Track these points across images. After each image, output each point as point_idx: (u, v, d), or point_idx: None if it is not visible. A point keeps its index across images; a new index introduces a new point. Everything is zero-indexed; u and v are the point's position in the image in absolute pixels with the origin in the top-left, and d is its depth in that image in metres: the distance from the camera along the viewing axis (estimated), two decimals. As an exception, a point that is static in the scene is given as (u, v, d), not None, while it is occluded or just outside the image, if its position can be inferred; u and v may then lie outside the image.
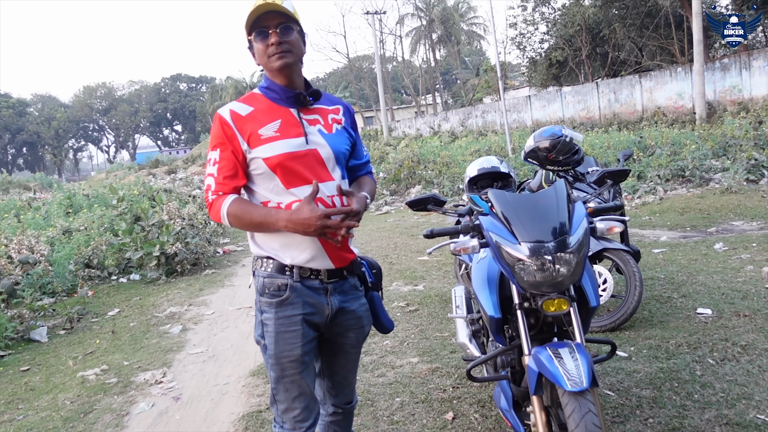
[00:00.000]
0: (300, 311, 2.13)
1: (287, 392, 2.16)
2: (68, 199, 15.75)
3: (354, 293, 2.30)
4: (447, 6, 50.84)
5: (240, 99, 2.23)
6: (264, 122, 2.14)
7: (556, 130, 4.85)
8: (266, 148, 2.11)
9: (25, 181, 43.43)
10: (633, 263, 4.48)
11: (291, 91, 2.19)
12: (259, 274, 2.18)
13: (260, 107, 2.18)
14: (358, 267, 2.34)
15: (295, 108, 2.20)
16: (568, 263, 2.34)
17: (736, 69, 19.13)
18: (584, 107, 25.69)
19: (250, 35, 2.17)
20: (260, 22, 2.13)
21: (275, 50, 2.12)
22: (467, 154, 18.33)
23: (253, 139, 2.12)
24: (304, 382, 2.17)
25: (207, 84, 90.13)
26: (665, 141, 13.75)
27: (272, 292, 2.14)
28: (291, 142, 2.13)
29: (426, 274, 7.12)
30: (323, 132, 2.21)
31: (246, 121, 2.14)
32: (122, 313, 7.01)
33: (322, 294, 2.18)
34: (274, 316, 2.13)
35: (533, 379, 2.30)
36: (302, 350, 2.14)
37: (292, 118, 2.18)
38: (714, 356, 3.86)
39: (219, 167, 2.14)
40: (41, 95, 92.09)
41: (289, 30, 2.14)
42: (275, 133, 2.13)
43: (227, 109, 2.17)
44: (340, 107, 2.34)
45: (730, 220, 8.33)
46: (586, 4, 28.08)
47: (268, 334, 2.15)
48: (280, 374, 2.15)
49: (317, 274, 2.17)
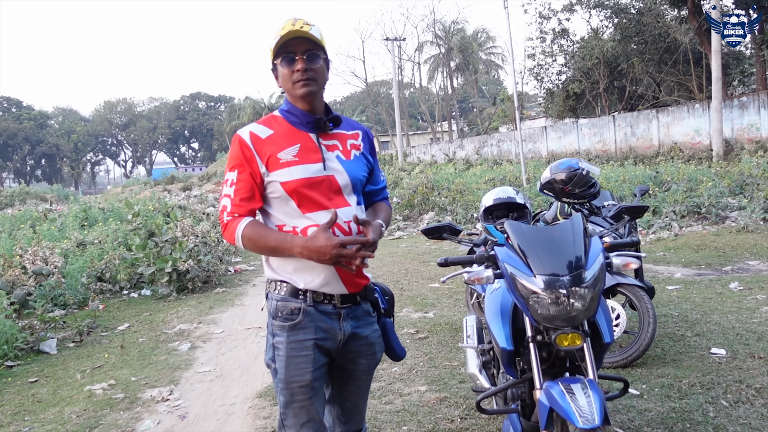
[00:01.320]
0: (312, 336, 2.13)
1: (296, 417, 2.14)
2: (84, 212, 15.88)
3: (367, 319, 2.29)
4: (466, 35, 51.26)
5: (260, 121, 2.23)
6: (283, 146, 2.14)
7: (573, 163, 4.84)
8: (284, 172, 2.11)
9: (42, 192, 43.89)
10: (647, 299, 4.44)
11: (311, 116, 2.19)
12: (273, 297, 2.18)
13: (280, 130, 2.18)
14: (371, 293, 2.32)
15: (315, 133, 2.20)
16: (583, 298, 2.33)
17: (755, 107, 19.09)
18: (600, 140, 25.68)
19: (276, 59, 2.17)
20: (288, 47, 2.13)
21: (300, 77, 2.13)
22: (481, 183, 18.34)
23: (272, 162, 2.12)
24: (314, 408, 2.15)
25: (225, 103, 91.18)
26: (681, 177, 13.70)
27: (285, 316, 2.14)
28: (309, 168, 2.13)
29: (437, 302, 7.09)
30: (341, 158, 2.22)
31: (265, 143, 2.14)
32: (132, 328, 7.02)
33: (335, 319, 2.17)
34: (285, 339, 2.13)
35: (544, 414, 2.28)
36: (312, 376, 2.12)
37: (311, 143, 2.18)
38: (728, 398, 3.79)
39: (236, 189, 2.13)
40: (62, 108, 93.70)
41: (315, 58, 2.14)
42: (294, 157, 2.13)
43: (247, 131, 2.17)
44: (359, 132, 2.34)
45: (745, 260, 8.25)
46: (605, 38, 28.25)
47: (279, 358, 2.14)
48: (289, 399, 2.13)
49: (330, 299, 2.16)
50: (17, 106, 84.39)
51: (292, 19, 2.14)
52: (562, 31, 30.07)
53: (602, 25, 29.53)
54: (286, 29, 2.11)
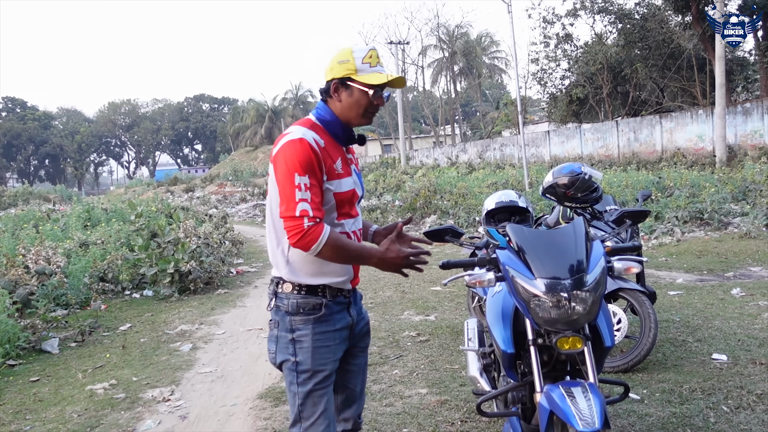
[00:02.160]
0: (333, 327, 2.31)
1: (315, 406, 2.25)
2: (87, 213, 15.93)
3: (361, 301, 2.57)
4: (470, 39, 51.29)
5: (308, 126, 2.27)
6: (334, 157, 2.28)
7: (576, 167, 4.85)
8: (338, 183, 2.28)
9: (45, 192, 44.02)
10: (648, 304, 4.44)
11: (349, 132, 2.36)
12: (290, 296, 2.29)
13: (328, 141, 2.29)
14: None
15: (345, 147, 2.39)
16: (584, 301, 2.33)
17: (758, 114, 19.07)
18: (603, 145, 25.66)
19: (365, 85, 2.25)
20: (391, 84, 2.28)
21: (375, 111, 2.31)
22: (484, 187, 18.34)
23: (330, 171, 2.24)
24: (329, 400, 2.30)
25: (229, 105, 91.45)
26: (684, 183, 13.68)
27: (308, 311, 2.27)
28: (350, 181, 2.34)
29: (438, 305, 7.09)
30: (356, 171, 2.43)
31: (323, 152, 2.23)
32: (134, 328, 7.03)
33: (344, 308, 2.38)
34: (311, 332, 2.27)
35: (544, 417, 2.28)
36: (333, 366, 2.31)
37: (345, 158, 2.36)
38: (728, 404, 3.79)
39: (312, 193, 2.16)
40: (67, 109, 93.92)
41: (389, 98, 2.38)
42: (342, 170, 2.31)
43: (311, 137, 2.21)
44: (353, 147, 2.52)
45: (748, 266, 8.24)
46: (608, 43, 28.24)
47: (303, 350, 2.26)
48: (312, 388, 2.26)
49: (342, 292, 2.37)
50: (21, 106, 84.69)
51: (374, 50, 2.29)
52: (566, 36, 30.06)
53: (606, 31, 29.52)
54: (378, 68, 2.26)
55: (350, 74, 2.24)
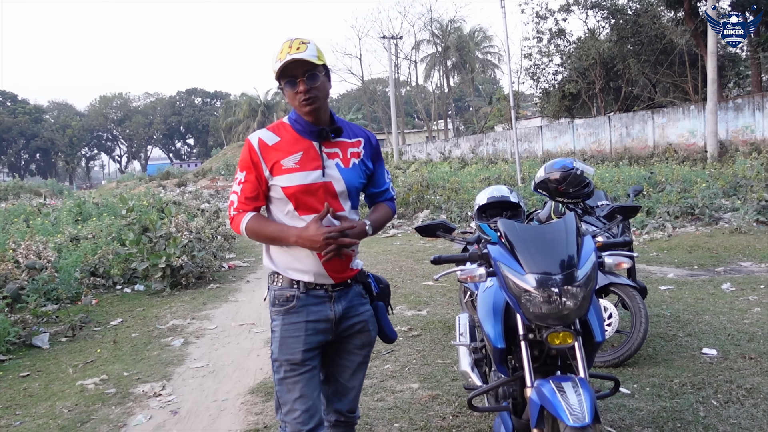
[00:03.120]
0: (304, 318, 2.36)
1: (289, 393, 2.33)
2: (78, 207, 15.83)
3: (359, 299, 2.51)
4: (463, 34, 51.30)
5: (270, 127, 2.44)
6: (287, 153, 2.35)
7: (568, 163, 4.86)
8: (285, 178, 2.33)
9: (36, 186, 43.72)
10: (639, 299, 4.45)
11: (315, 127, 2.38)
12: (272, 288, 2.43)
13: (286, 138, 2.38)
14: (363, 276, 2.55)
15: (318, 141, 2.39)
16: (575, 297, 2.34)
17: (749, 110, 19.16)
18: (596, 140, 25.74)
19: (279, 81, 2.34)
20: (288, 71, 2.30)
21: (303, 98, 2.31)
22: (476, 181, 18.35)
23: (276, 168, 2.34)
24: (306, 386, 2.33)
25: (221, 99, 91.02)
26: (676, 178, 13.74)
27: (281, 303, 2.38)
28: (308, 175, 2.33)
29: (430, 300, 7.10)
30: (340, 166, 2.41)
31: (271, 150, 2.35)
32: (125, 323, 7.00)
33: (326, 302, 2.40)
34: (281, 323, 2.37)
35: (535, 412, 2.29)
36: (303, 355, 2.33)
37: (313, 151, 2.38)
38: (718, 398, 3.81)
39: (243, 188, 2.38)
40: (58, 103, 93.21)
41: (315, 77, 2.32)
42: (295, 164, 2.34)
43: (256, 137, 2.38)
44: (362, 140, 2.52)
45: (738, 261, 8.29)
46: (601, 38, 28.30)
47: (274, 340, 2.38)
48: (282, 376, 2.34)
49: (322, 285, 2.40)
50: (12, 99, 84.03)
51: (288, 41, 2.31)
52: (559, 31, 30.12)
53: (599, 26, 29.62)
54: (284, 54, 2.29)
55: (275, 77, 2.35)
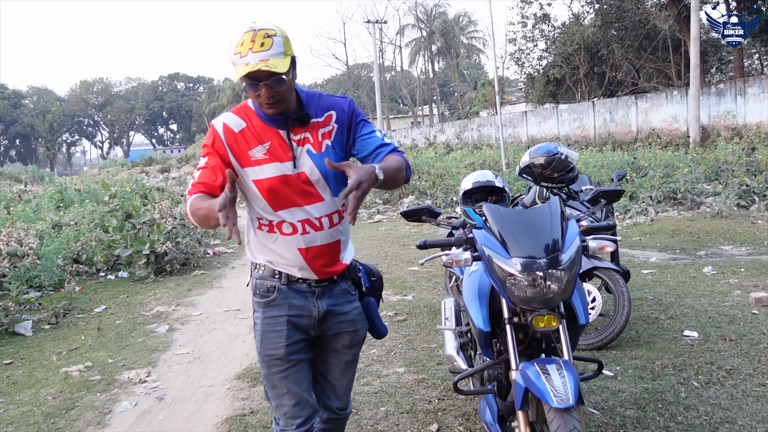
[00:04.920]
0: (285, 312, 2.23)
1: (275, 389, 2.26)
2: (59, 193, 15.69)
3: (345, 297, 2.34)
4: (448, 19, 51.08)
5: (235, 110, 2.20)
6: (254, 143, 2.14)
7: (552, 147, 4.87)
8: (256, 170, 2.14)
9: (16, 173, 43.22)
10: (622, 283, 4.50)
11: (279, 116, 2.13)
12: (254, 275, 2.30)
13: (252, 125, 2.16)
14: (352, 272, 2.38)
15: (285, 129, 2.15)
16: (559, 280, 2.35)
17: (731, 95, 19.31)
18: (580, 125, 25.84)
19: (241, 80, 2.03)
20: (250, 75, 1.99)
21: (266, 102, 2.05)
22: (462, 167, 18.39)
23: (244, 159, 2.15)
24: (292, 381, 2.24)
25: (205, 84, 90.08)
26: (658, 163, 13.85)
27: (262, 293, 2.26)
28: (280, 166, 2.13)
29: (416, 285, 7.12)
30: (312, 152, 2.16)
31: (238, 138, 2.15)
32: (109, 310, 6.96)
33: (309, 297, 2.26)
34: (262, 315, 2.26)
35: (519, 394, 2.31)
36: (286, 350, 2.22)
37: (281, 141, 2.15)
38: (699, 379, 3.87)
39: (200, 173, 2.18)
40: (37, 88, 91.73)
41: (280, 82, 2.01)
42: (264, 155, 2.14)
43: (221, 123, 2.17)
44: (332, 113, 2.21)
45: (719, 245, 8.39)
46: (585, 23, 28.31)
47: (256, 333, 2.27)
48: (267, 371, 2.26)
49: (305, 279, 2.26)
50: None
51: (250, 32, 1.97)
52: (544, 16, 30.08)
53: (583, 11, 29.60)
54: (245, 49, 1.96)
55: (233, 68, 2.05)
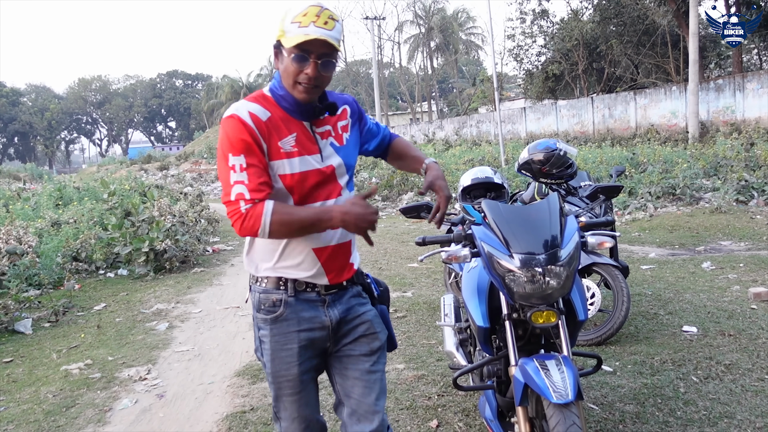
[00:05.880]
0: (296, 327, 2.03)
1: (286, 411, 2.10)
2: (58, 191, 15.67)
3: (357, 300, 2.17)
4: (446, 15, 51.03)
5: (252, 99, 1.99)
6: (283, 133, 1.95)
7: (551, 144, 4.88)
8: (285, 163, 1.94)
9: (15, 171, 43.16)
10: (621, 279, 4.51)
11: (305, 105, 1.99)
12: (255, 289, 2.08)
13: (276, 114, 1.97)
14: (361, 277, 2.23)
15: (308, 121, 2.02)
16: (558, 276, 2.36)
17: (730, 90, 19.31)
18: (579, 121, 25.84)
19: (288, 47, 1.90)
20: (304, 45, 1.88)
21: (307, 82, 1.91)
22: (461, 163, 18.39)
23: (274, 150, 1.94)
24: (303, 404, 2.09)
25: (203, 82, 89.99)
26: (657, 158, 13.85)
27: (267, 308, 2.04)
28: (309, 159, 1.98)
29: (415, 281, 7.13)
30: (335, 145, 2.07)
31: (266, 127, 1.93)
32: (108, 308, 6.97)
33: (319, 306, 2.06)
34: (269, 333, 2.04)
35: (519, 390, 2.31)
36: (299, 369, 2.05)
37: (306, 132, 2.01)
38: (698, 374, 3.88)
39: (250, 172, 1.87)
40: (35, 85, 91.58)
41: (329, 65, 1.93)
42: (293, 147, 1.96)
43: (246, 111, 1.92)
44: (347, 108, 2.16)
45: (718, 240, 8.40)
46: (584, 19, 28.30)
47: (265, 352, 2.07)
48: (278, 393, 2.09)
49: (314, 287, 2.06)
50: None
51: (317, 7, 1.87)
52: (542, 12, 30.07)
53: (582, 7, 29.61)
54: (308, 21, 1.86)
55: (280, 36, 1.92)
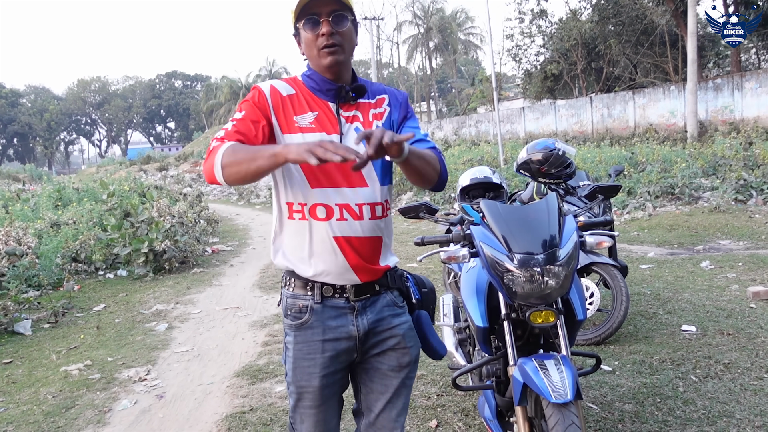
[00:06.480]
0: (320, 336, 1.94)
1: (303, 423, 2.00)
2: (58, 192, 15.66)
3: (392, 309, 2.03)
4: (445, 15, 51.07)
5: (282, 79, 2.01)
6: (302, 110, 1.93)
7: (550, 143, 4.88)
8: (298, 137, 1.88)
9: (14, 172, 43.14)
10: (620, 278, 4.51)
11: (333, 84, 1.94)
12: (284, 293, 2.02)
13: (300, 93, 1.96)
14: (399, 280, 2.09)
15: (335, 102, 1.96)
16: (557, 276, 2.36)
17: (729, 89, 19.33)
18: (577, 121, 25.85)
19: (298, 22, 1.92)
20: (311, 8, 1.87)
21: (326, 42, 1.88)
22: (459, 163, 18.37)
23: (288, 124, 1.90)
24: (321, 418, 2.00)
25: (202, 82, 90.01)
26: (656, 158, 13.86)
27: (293, 314, 1.97)
28: (325, 137, 1.88)
29: (414, 281, 7.12)
30: (361, 130, 1.91)
31: (285, 101, 1.93)
32: (108, 308, 6.97)
33: (348, 314, 1.96)
34: (293, 340, 1.97)
35: (518, 390, 2.32)
36: (321, 381, 1.95)
37: (330, 113, 1.94)
38: (697, 373, 3.89)
39: (237, 124, 1.87)
40: (35, 86, 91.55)
41: (342, 19, 1.89)
42: (310, 124, 1.91)
43: (268, 84, 1.96)
44: (385, 97, 2.06)
45: (717, 239, 8.41)
46: (582, 19, 28.31)
47: (288, 359, 1.99)
48: (296, 403, 2.00)
49: (342, 292, 1.95)
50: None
51: None
52: (541, 11, 30.08)
53: (580, 7, 29.59)
54: None
55: (293, 21, 1.96)
